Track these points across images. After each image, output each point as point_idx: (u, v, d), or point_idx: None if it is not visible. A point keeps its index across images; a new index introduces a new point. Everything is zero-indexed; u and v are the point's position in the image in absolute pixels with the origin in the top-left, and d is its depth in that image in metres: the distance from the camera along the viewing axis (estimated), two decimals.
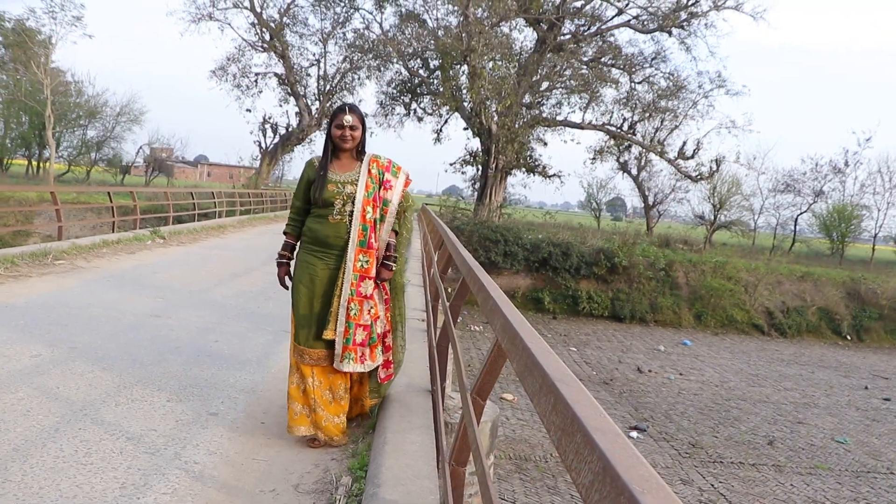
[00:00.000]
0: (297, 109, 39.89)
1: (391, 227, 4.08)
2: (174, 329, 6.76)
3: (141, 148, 53.67)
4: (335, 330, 3.85)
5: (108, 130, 50.82)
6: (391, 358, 4.19)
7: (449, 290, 5.68)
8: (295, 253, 4.15)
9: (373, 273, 3.93)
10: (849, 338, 27.92)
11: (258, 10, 36.99)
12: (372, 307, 3.96)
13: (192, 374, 5.25)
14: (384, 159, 4.08)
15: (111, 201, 15.71)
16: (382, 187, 4.01)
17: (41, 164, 51.27)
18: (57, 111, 41.70)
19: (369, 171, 3.97)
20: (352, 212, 3.89)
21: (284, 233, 4.19)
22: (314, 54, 39.95)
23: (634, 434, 13.23)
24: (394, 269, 4.13)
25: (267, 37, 37.83)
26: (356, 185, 3.92)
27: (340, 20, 38.01)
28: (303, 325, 3.92)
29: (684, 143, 35.08)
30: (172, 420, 4.25)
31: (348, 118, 3.90)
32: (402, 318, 4.38)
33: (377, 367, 4.08)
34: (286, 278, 4.14)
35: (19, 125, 49.00)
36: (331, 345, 3.89)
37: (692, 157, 35.00)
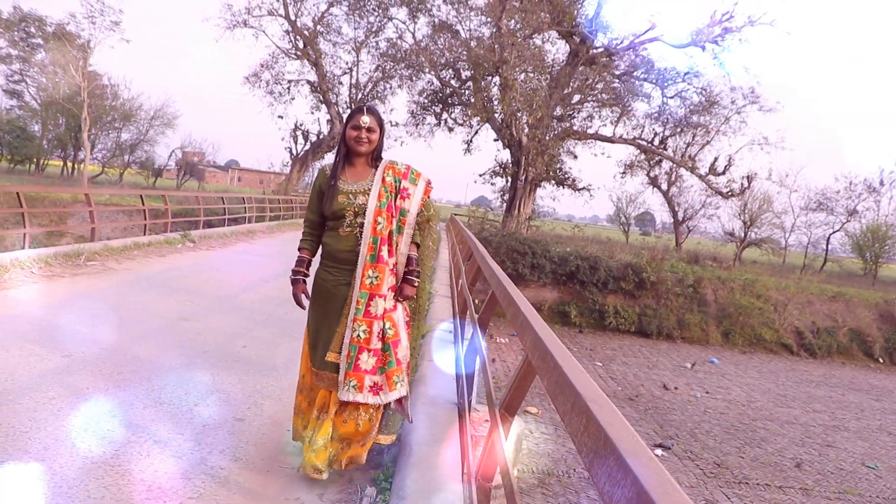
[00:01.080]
0: (328, 117, 40.20)
1: (410, 238, 3.71)
2: (202, 333, 6.81)
3: (173, 151, 54.39)
4: (339, 353, 3.52)
5: (142, 133, 51.56)
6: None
7: (476, 301, 5.68)
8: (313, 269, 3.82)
9: (384, 291, 3.53)
10: (881, 360, 27.47)
11: (293, 17, 37.37)
12: (390, 328, 3.54)
13: (219, 379, 5.28)
14: (401, 165, 3.74)
15: (143, 204, 15.86)
16: (399, 196, 3.66)
17: (76, 166, 52.08)
18: (93, 114, 42.47)
19: (383, 179, 3.63)
20: (363, 224, 3.54)
21: (299, 248, 3.83)
22: (347, 63, 40.27)
23: (659, 452, 13.10)
24: (416, 284, 3.75)
25: (301, 45, 38.17)
26: (368, 195, 3.59)
27: (374, 29, 38.33)
28: (315, 346, 3.63)
29: (716, 159, 34.84)
30: (199, 424, 4.27)
31: (365, 118, 3.59)
32: (419, 340, 4.05)
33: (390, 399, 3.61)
34: (302, 296, 3.77)
35: (56, 127, 49.85)
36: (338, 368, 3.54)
37: (723, 173, 34.73)
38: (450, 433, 3.94)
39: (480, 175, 36.23)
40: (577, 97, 34.16)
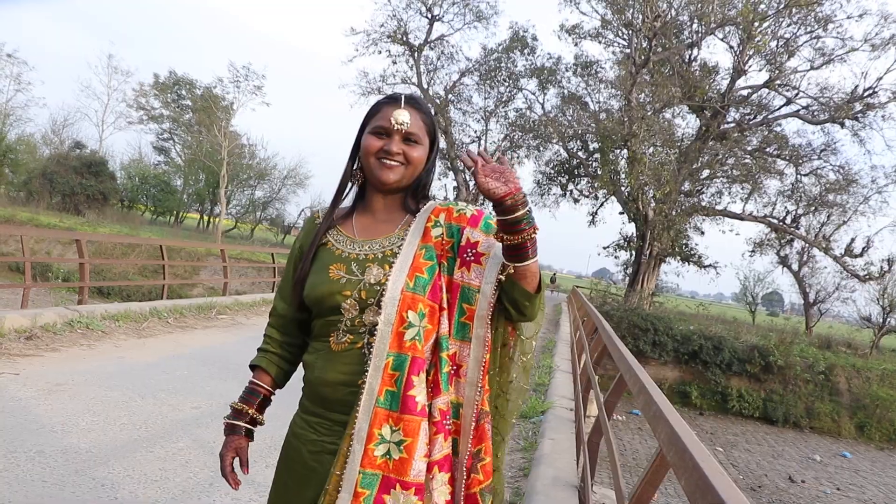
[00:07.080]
0: (455, 184, 40.86)
1: (485, 347, 1.67)
2: None
3: (303, 210, 56.38)
4: None
5: (275, 192, 54.03)
6: None
7: (598, 378, 5.59)
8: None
9: (414, 473, 1.54)
10: None
11: (425, 86, 38.43)
12: None
13: None
14: (465, 207, 1.83)
15: (274, 261, 16.47)
16: (460, 262, 1.71)
17: (211, 219, 54.87)
18: (231, 171, 44.78)
19: (426, 233, 1.74)
20: (375, 326, 1.61)
21: (251, 366, 1.93)
22: (476, 131, 40.96)
23: None
24: (490, 468, 1.68)
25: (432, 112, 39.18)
26: (391, 264, 1.68)
27: (503, 99, 38.91)
28: None
29: (852, 240, 33.21)
30: None
31: (402, 115, 1.72)
32: None
33: None
34: (233, 467, 1.84)
35: (196, 182, 52.86)
36: None
37: (861, 255, 33.02)
38: None
39: (604, 248, 35.90)
40: (706, 172, 33.53)
